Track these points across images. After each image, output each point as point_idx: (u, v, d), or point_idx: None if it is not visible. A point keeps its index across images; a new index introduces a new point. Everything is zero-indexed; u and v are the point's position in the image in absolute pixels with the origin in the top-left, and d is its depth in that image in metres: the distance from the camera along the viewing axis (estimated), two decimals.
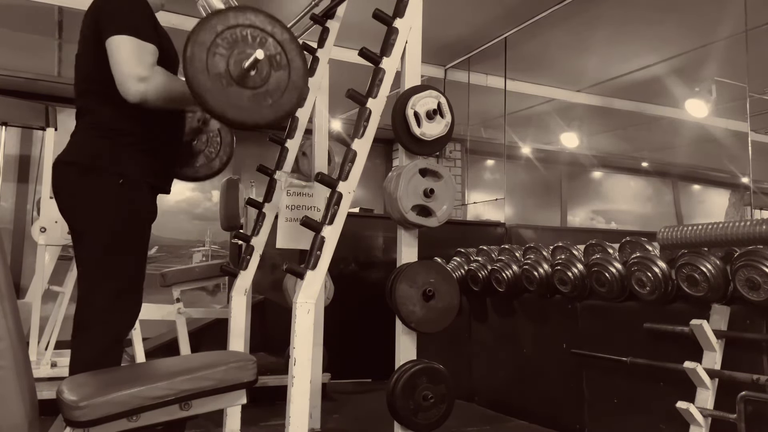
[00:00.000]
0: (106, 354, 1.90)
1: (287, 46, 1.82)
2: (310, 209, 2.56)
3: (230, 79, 1.73)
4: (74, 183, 1.96)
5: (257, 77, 1.76)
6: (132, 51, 1.86)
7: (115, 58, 1.85)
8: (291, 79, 1.82)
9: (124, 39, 1.86)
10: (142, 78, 1.83)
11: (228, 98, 1.73)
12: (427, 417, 2.20)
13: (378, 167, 8.00)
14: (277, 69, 1.80)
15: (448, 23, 4.92)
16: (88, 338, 1.91)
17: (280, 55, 1.80)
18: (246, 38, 1.76)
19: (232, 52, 1.73)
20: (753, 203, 7.60)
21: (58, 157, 2.00)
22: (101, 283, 1.93)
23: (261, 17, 1.79)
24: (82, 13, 2.06)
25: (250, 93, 1.76)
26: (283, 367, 3.58)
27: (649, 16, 4.68)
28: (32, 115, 3.98)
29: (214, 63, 1.71)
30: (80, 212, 1.96)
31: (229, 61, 1.72)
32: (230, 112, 1.74)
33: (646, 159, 9.43)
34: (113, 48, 1.86)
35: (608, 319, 2.90)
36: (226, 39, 1.73)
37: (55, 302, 3.76)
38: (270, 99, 1.79)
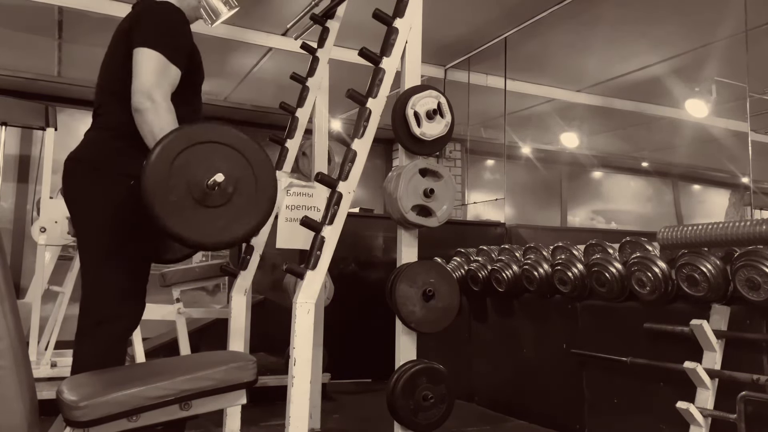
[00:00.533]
0: (109, 353, 1.90)
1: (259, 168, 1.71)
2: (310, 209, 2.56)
3: (188, 196, 1.62)
4: (84, 181, 1.96)
5: (219, 197, 1.65)
6: (156, 69, 1.87)
7: (139, 69, 1.86)
8: (255, 202, 1.71)
9: (153, 54, 1.87)
10: (153, 100, 1.84)
11: (182, 216, 1.62)
12: (427, 417, 2.20)
13: (378, 167, 8.00)
14: (241, 192, 1.68)
15: (448, 23, 4.92)
16: (92, 337, 1.91)
17: (248, 177, 1.69)
18: (214, 155, 1.65)
19: (197, 168, 1.62)
20: (753, 203, 7.58)
21: (70, 154, 2.00)
22: (106, 283, 1.93)
23: (235, 135, 1.70)
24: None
25: (208, 212, 1.64)
26: (283, 367, 3.58)
27: (649, 16, 4.67)
28: (32, 115, 3.98)
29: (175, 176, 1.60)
30: (88, 211, 1.96)
31: (191, 178, 1.61)
32: (179, 228, 1.62)
33: (646, 159, 9.43)
34: (140, 59, 1.87)
35: (608, 319, 2.90)
36: (193, 153, 1.63)
37: (55, 302, 3.76)
38: (227, 221, 1.67)
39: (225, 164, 1.65)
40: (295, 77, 3.01)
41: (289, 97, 3.14)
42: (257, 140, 1.74)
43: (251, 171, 1.69)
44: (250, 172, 1.69)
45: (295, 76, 3.01)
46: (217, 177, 1.62)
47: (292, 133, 2.95)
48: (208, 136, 1.67)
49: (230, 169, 1.65)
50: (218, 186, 1.63)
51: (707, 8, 4.51)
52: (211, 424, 2.97)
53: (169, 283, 3.61)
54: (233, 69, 5.81)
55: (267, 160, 1.74)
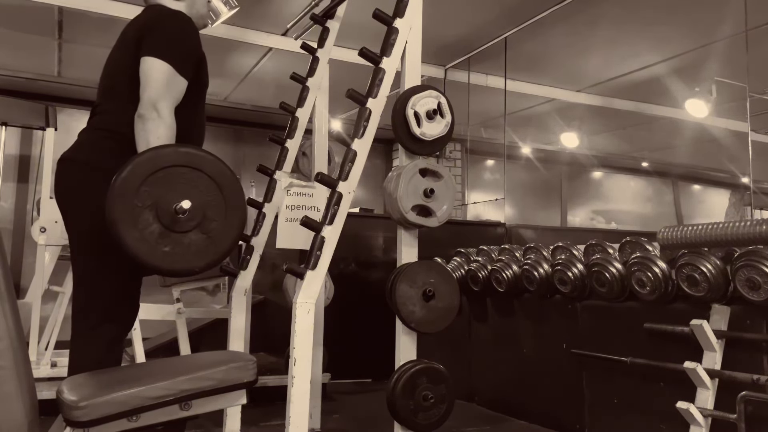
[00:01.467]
0: (105, 355, 1.90)
1: (229, 194, 1.68)
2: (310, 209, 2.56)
3: (155, 221, 1.60)
4: (76, 182, 1.96)
5: (187, 222, 1.63)
6: (164, 80, 1.88)
7: (147, 79, 1.88)
8: (223, 229, 1.68)
9: (163, 65, 1.89)
10: (158, 111, 1.85)
11: (148, 242, 1.59)
12: (427, 417, 2.20)
13: (378, 167, 8.00)
14: (210, 217, 1.66)
15: (448, 23, 4.92)
16: (87, 339, 1.91)
17: (216, 203, 1.67)
18: (182, 180, 1.62)
19: (164, 193, 1.60)
20: (753, 203, 7.58)
21: (64, 154, 2.00)
22: (100, 284, 1.93)
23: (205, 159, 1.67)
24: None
25: (175, 237, 1.62)
26: (283, 367, 3.58)
27: (650, 16, 4.67)
28: (32, 115, 3.98)
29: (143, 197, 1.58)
30: (81, 212, 1.95)
31: (158, 202, 1.59)
32: (146, 255, 1.60)
33: (646, 159, 9.43)
34: (149, 68, 1.88)
35: (608, 319, 2.90)
36: (160, 177, 1.61)
37: (55, 302, 3.76)
38: (197, 247, 1.65)
39: (193, 189, 1.63)
40: (295, 77, 3.01)
41: (289, 97, 3.14)
42: (225, 163, 1.71)
43: (221, 195, 1.67)
44: (219, 196, 1.67)
45: (295, 76, 3.01)
46: (183, 204, 1.60)
47: (292, 133, 2.95)
48: (176, 160, 1.64)
49: (199, 194, 1.64)
50: (186, 212, 1.61)
51: (707, 8, 4.51)
52: (211, 424, 2.97)
53: (169, 283, 3.61)
54: (233, 69, 5.81)
55: (236, 184, 1.72)
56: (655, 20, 4.73)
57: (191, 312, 3.73)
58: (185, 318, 3.63)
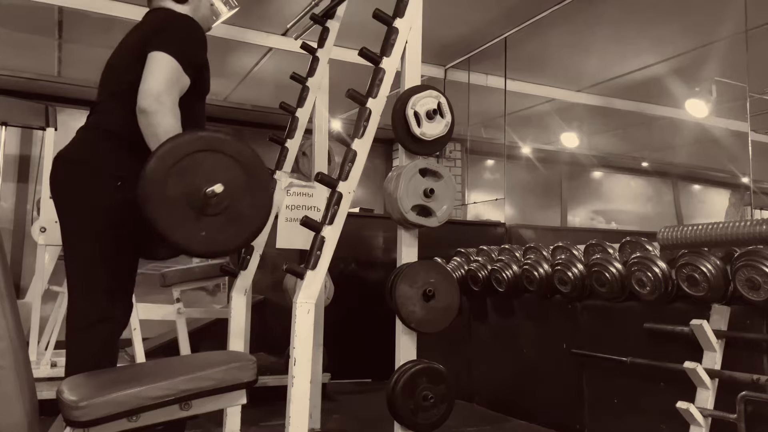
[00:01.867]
0: (100, 354, 1.90)
1: (255, 179, 1.73)
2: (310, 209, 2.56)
3: (187, 204, 1.64)
4: (72, 181, 1.96)
5: (217, 206, 1.67)
6: (169, 74, 1.89)
7: (151, 71, 1.87)
8: (251, 212, 1.74)
9: (168, 59, 1.89)
10: (159, 100, 1.84)
11: (180, 224, 1.64)
12: (427, 417, 2.19)
13: (378, 167, 8.00)
14: (238, 201, 1.70)
15: (448, 23, 4.92)
16: (82, 339, 1.91)
17: (243, 188, 1.71)
18: (212, 164, 1.67)
19: (195, 177, 1.64)
20: (753, 203, 7.58)
21: (59, 152, 2.00)
22: (93, 284, 1.93)
23: (235, 145, 1.72)
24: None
25: (207, 220, 1.67)
26: (283, 367, 3.58)
27: (649, 16, 4.67)
28: (32, 115, 3.98)
29: (173, 186, 1.62)
30: (75, 210, 1.96)
31: (189, 186, 1.64)
32: (178, 237, 1.65)
33: (646, 159, 9.43)
34: (154, 61, 1.89)
35: (608, 319, 2.90)
36: (191, 162, 1.65)
37: (55, 302, 3.75)
38: (225, 230, 1.70)
39: (222, 173, 1.67)
40: (295, 77, 3.01)
41: (289, 97, 3.14)
42: (252, 148, 1.76)
43: (247, 180, 1.72)
44: (245, 181, 1.72)
45: (295, 76, 3.01)
46: (216, 188, 1.64)
47: (292, 133, 2.95)
48: (205, 145, 1.68)
49: (227, 178, 1.68)
50: (216, 195, 1.65)
51: (707, 8, 4.51)
52: (211, 424, 2.97)
53: (169, 283, 3.61)
54: (233, 69, 5.81)
55: (263, 169, 1.77)
56: (655, 20, 4.73)
57: (191, 312, 3.73)
58: (185, 318, 3.63)
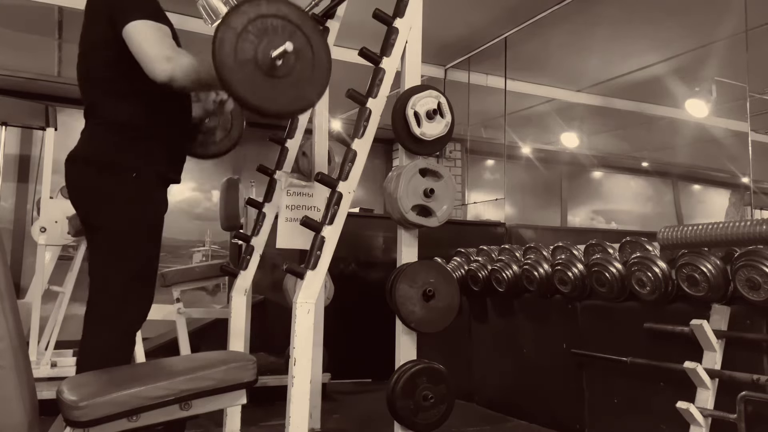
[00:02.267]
0: (117, 348, 1.90)
1: (315, 41, 1.81)
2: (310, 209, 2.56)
3: (257, 67, 1.71)
4: (87, 179, 1.96)
5: (284, 67, 1.74)
6: (154, 33, 1.86)
7: (138, 43, 1.85)
8: (315, 73, 1.81)
9: (144, 23, 1.86)
10: (169, 57, 1.82)
11: (254, 86, 1.71)
12: (427, 417, 2.19)
13: (378, 167, 8.00)
14: (302, 62, 1.78)
15: (448, 23, 4.92)
16: (101, 329, 1.91)
17: (306, 49, 1.79)
18: (276, 28, 1.74)
19: (262, 41, 1.71)
20: (753, 203, 7.59)
21: (70, 154, 2.00)
22: (116, 275, 1.93)
23: (293, 9, 1.78)
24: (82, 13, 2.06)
25: (275, 82, 1.74)
26: (283, 367, 3.58)
27: (649, 16, 4.68)
28: (32, 115, 3.98)
29: (243, 49, 1.69)
30: (95, 207, 1.96)
31: (258, 49, 1.70)
32: (254, 99, 1.72)
33: (646, 159, 9.43)
34: (134, 33, 1.85)
35: (608, 319, 2.90)
36: (257, 27, 1.71)
37: (55, 302, 3.75)
38: (294, 90, 1.78)
39: (286, 37, 1.74)
40: None
41: None
42: (310, 16, 1.85)
43: (309, 43, 1.78)
44: (307, 45, 1.78)
45: None
46: (287, 46, 1.69)
47: (292, 133, 2.95)
48: (267, 11, 1.73)
49: (292, 42, 1.73)
50: (283, 58, 1.71)
51: (707, 8, 4.51)
52: (211, 424, 2.97)
53: (169, 283, 3.61)
54: None
55: (320, 33, 1.84)
56: (655, 20, 4.73)
57: (191, 312, 3.73)
58: (185, 318, 3.63)
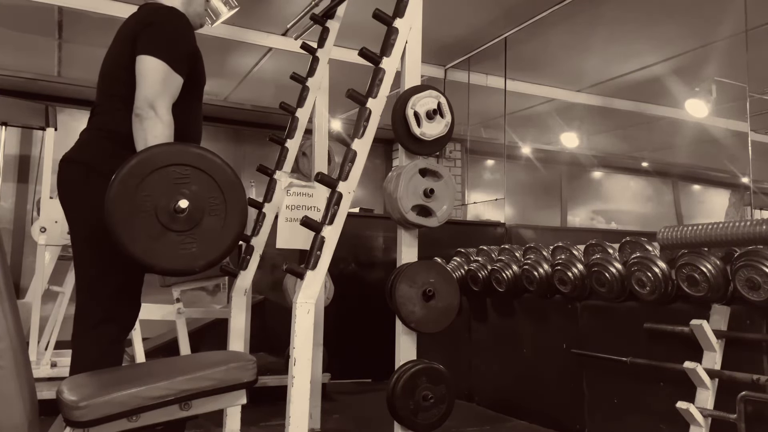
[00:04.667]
0: (106, 355, 1.90)
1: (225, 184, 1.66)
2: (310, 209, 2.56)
3: (157, 223, 1.58)
4: (77, 183, 1.96)
5: (186, 221, 1.61)
6: (160, 78, 1.89)
7: (143, 78, 1.89)
8: (225, 224, 1.66)
9: (158, 64, 1.89)
10: (155, 110, 1.86)
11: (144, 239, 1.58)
12: (427, 417, 2.19)
13: (378, 167, 8.00)
14: (210, 213, 1.64)
15: (448, 23, 4.92)
16: (88, 339, 1.91)
17: (215, 198, 1.65)
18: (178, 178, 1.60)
19: (161, 195, 1.59)
20: (753, 203, 7.58)
21: (65, 155, 2.01)
22: (100, 285, 1.94)
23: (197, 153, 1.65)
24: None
25: (177, 237, 1.60)
26: (283, 367, 3.58)
27: (649, 16, 4.67)
28: (32, 115, 3.98)
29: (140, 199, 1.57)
30: (82, 211, 1.96)
31: (157, 204, 1.58)
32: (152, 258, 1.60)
33: (646, 159, 9.43)
34: (144, 67, 1.89)
35: (608, 319, 2.90)
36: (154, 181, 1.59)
37: (55, 302, 3.75)
38: (197, 246, 1.63)
39: (192, 188, 1.62)
40: (295, 77, 3.01)
41: (289, 97, 3.14)
42: (224, 160, 1.69)
43: (220, 193, 1.65)
44: (219, 195, 1.65)
45: (295, 76, 3.01)
46: (181, 203, 1.59)
47: (292, 133, 2.95)
48: (174, 159, 1.62)
49: (198, 192, 1.62)
50: (184, 211, 1.60)
51: (707, 8, 4.51)
52: (211, 424, 2.97)
53: (169, 283, 3.61)
54: (233, 69, 5.81)
55: (237, 182, 1.70)
56: (655, 20, 4.73)
57: (191, 312, 3.73)
58: (185, 318, 3.63)
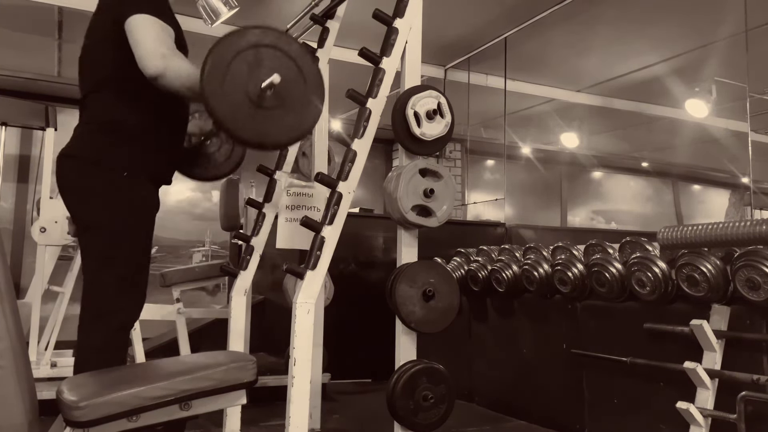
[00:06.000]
0: (110, 345, 1.91)
1: (307, 69, 1.77)
2: (310, 209, 2.56)
3: (246, 99, 1.67)
4: (78, 177, 1.97)
5: (274, 98, 1.71)
6: (154, 30, 1.85)
7: (137, 36, 1.84)
8: (307, 102, 1.78)
9: (147, 18, 1.86)
10: (163, 55, 1.81)
11: (242, 118, 1.69)
12: (427, 417, 2.19)
13: (378, 167, 8.00)
14: (294, 92, 1.74)
15: (448, 23, 4.92)
16: (94, 328, 1.92)
17: (298, 79, 1.75)
18: (265, 58, 1.70)
19: (251, 72, 1.68)
20: (753, 203, 7.59)
21: (61, 151, 2.01)
22: (107, 274, 1.94)
23: (283, 38, 1.75)
24: (82, 13, 2.08)
25: (265, 113, 1.71)
26: (283, 367, 3.58)
27: (649, 16, 4.67)
28: (32, 115, 3.98)
29: (231, 81, 1.66)
30: (85, 205, 1.97)
31: (247, 81, 1.67)
32: (243, 132, 1.70)
33: (646, 159, 9.43)
34: (135, 26, 1.85)
35: (608, 319, 2.90)
36: (245, 58, 1.68)
37: (55, 302, 3.76)
38: (285, 121, 1.74)
39: (276, 67, 1.70)
40: None
41: None
42: (304, 44, 1.81)
43: (300, 74, 1.75)
44: (299, 75, 1.75)
45: None
46: (273, 78, 1.67)
47: None
48: (256, 40, 1.71)
49: (282, 72, 1.70)
50: (272, 89, 1.68)
51: (707, 8, 4.51)
52: (211, 424, 2.97)
53: (169, 283, 3.61)
54: None
55: (313, 62, 1.80)
56: (655, 20, 4.73)
57: (191, 312, 3.73)
58: (185, 318, 3.63)
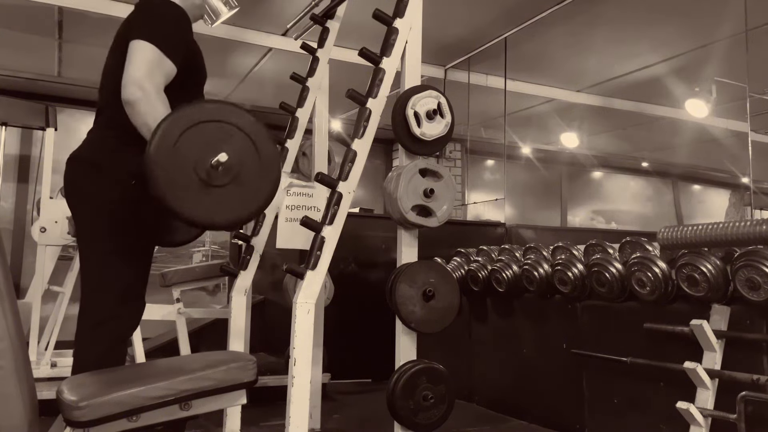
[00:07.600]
0: (109, 353, 1.90)
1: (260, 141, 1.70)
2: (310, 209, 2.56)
3: (196, 177, 1.61)
4: (84, 181, 1.96)
5: (224, 175, 1.64)
6: (149, 60, 1.84)
7: (131, 60, 1.84)
8: (263, 173, 1.70)
9: (148, 46, 1.85)
10: (143, 88, 1.80)
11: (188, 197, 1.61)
12: (427, 417, 2.20)
13: (378, 167, 8.00)
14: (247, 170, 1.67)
15: (448, 23, 4.92)
16: (91, 338, 1.91)
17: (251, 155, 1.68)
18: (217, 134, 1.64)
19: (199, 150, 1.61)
20: (753, 203, 7.59)
21: (72, 153, 2.00)
22: (105, 283, 1.93)
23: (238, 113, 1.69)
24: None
25: (214, 192, 1.64)
26: (283, 367, 3.58)
27: (649, 16, 4.67)
28: (32, 115, 3.98)
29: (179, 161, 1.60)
30: (88, 210, 1.96)
31: (196, 160, 1.61)
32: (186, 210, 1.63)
33: (646, 159, 9.42)
34: (133, 50, 1.85)
35: (608, 319, 2.90)
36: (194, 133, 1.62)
37: (55, 302, 3.76)
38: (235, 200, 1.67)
39: (228, 143, 1.65)
40: (295, 77, 3.01)
41: (289, 97, 3.14)
42: (258, 117, 1.73)
43: (254, 148, 1.69)
44: (253, 150, 1.69)
45: (295, 76, 3.01)
46: (220, 157, 1.62)
47: (292, 133, 2.95)
48: (208, 116, 1.66)
49: (233, 148, 1.65)
50: (222, 165, 1.63)
51: (707, 8, 4.51)
52: (211, 424, 2.97)
53: (169, 283, 3.61)
54: (233, 69, 5.81)
55: (269, 137, 1.73)
56: (655, 20, 4.73)
57: (191, 312, 3.73)
58: (185, 318, 3.63)
